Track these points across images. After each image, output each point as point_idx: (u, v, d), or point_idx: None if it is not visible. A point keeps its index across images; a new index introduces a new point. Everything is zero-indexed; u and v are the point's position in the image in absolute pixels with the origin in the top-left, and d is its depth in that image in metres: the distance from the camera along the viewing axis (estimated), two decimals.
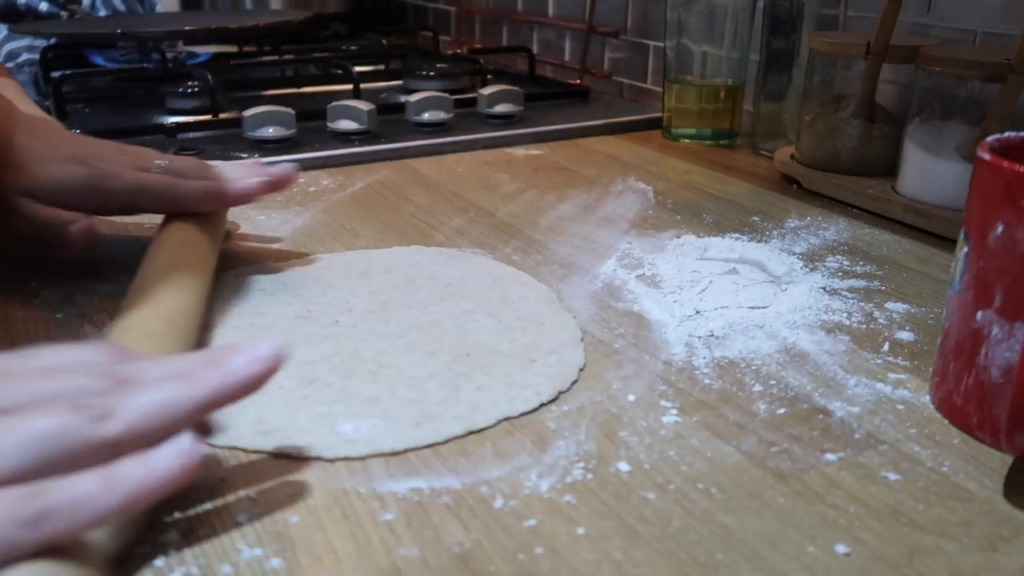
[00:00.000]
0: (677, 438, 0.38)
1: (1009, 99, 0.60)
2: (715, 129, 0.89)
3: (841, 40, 0.72)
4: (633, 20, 1.09)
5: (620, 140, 0.90)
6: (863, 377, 0.43)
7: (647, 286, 0.53)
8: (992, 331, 0.37)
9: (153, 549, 0.31)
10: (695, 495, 0.34)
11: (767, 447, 0.37)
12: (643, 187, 0.73)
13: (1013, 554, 0.31)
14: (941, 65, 0.62)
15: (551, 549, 0.31)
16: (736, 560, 0.31)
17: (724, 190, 0.73)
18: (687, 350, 0.45)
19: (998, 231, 0.36)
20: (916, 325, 0.48)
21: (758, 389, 0.42)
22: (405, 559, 0.31)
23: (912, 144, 0.66)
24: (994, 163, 0.36)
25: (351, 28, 1.44)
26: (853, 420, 0.39)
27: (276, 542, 0.31)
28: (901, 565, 0.31)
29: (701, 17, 0.85)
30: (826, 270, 0.56)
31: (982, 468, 0.36)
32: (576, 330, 0.47)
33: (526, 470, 0.35)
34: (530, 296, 0.51)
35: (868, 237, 0.62)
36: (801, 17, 0.79)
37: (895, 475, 0.35)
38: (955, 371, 0.39)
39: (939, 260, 0.58)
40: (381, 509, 0.33)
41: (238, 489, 0.34)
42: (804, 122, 0.75)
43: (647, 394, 0.41)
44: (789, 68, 0.81)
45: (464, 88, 1.04)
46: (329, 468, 0.35)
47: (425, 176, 0.76)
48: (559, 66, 1.20)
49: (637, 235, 0.62)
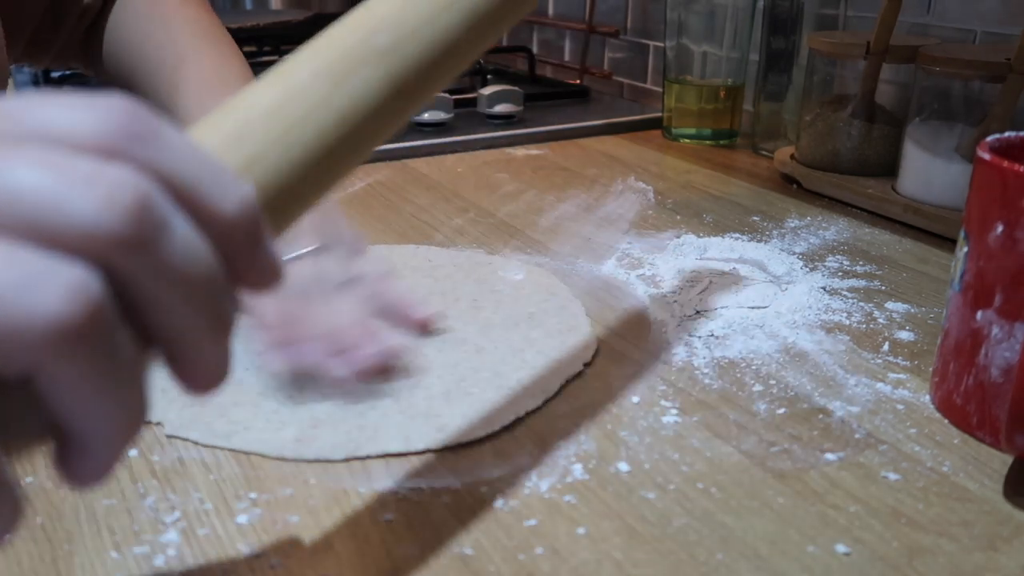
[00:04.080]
0: (677, 438, 0.38)
1: (1009, 99, 0.60)
2: (715, 129, 0.89)
3: (841, 40, 0.72)
4: (633, 20, 1.09)
5: (620, 140, 0.90)
6: (863, 377, 0.43)
7: (647, 286, 0.53)
8: (992, 331, 0.37)
9: (153, 549, 0.31)
10: (695, 495, 0.34)
11: (767, 447, 0.37)
12: (643, 187, 0.73)
13: (1013, 554, 0.31)
14: (941, 65, 0.62)
15: (551, 549, 0.31)
16: (736, 560, 0.31)
17: (724, 190, 0.73)
18: (687, 350, 0.45)
19: (998, 231, 0.36)
20: (916, 325, 0.48)
21: (758, 389, 0.42)
22: (405, 559, 0.31)
23: (912, 144, 0.66)
24: (994, 163, 0.36)
25: None
26: (853, 420, 0.39)
27: (276, 542, 0.31)
28: (901, 565, 0.31)
29: (701, 17, 0.85)
30: (826, 270, 0.56)
31: (982, 468, 0.36)
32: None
33: (526, 470, 0.35)
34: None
35: (868, 237, 0.62)
36: (801, 17, 0.79)
37: (895, 475, 0.35)
38: (955, 371, 0.39)
39: (939, 260, 0.58)
40: (381, 509, 0.33)
41: (238, 489, 0.34)
42: (804, 122, 0.75)
43: (647, 394, 0.41)
44: (789, 68, 0.81)
45: (464, 88, 1.04)
46: (329, 468, 0.35)
47: (425, 176, 0.76)
48: (559, 66, 1.20)
49: (637, 235, 0.62)
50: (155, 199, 0.20)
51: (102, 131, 0.20)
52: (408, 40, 0.28)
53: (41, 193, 0.19)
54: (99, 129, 0.20)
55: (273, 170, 0.24)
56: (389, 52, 0.27)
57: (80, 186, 0.19)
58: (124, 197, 0.19)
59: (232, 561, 0.30)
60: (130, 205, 0.19)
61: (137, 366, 0.21)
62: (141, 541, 0.31)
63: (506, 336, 0.46)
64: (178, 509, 0.33)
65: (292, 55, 0.27)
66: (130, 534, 0.31)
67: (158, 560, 0.30)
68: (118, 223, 0.19)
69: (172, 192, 0.21)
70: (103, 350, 0.19)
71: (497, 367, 0.43)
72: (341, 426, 0.38)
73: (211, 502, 0.33)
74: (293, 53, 0.27)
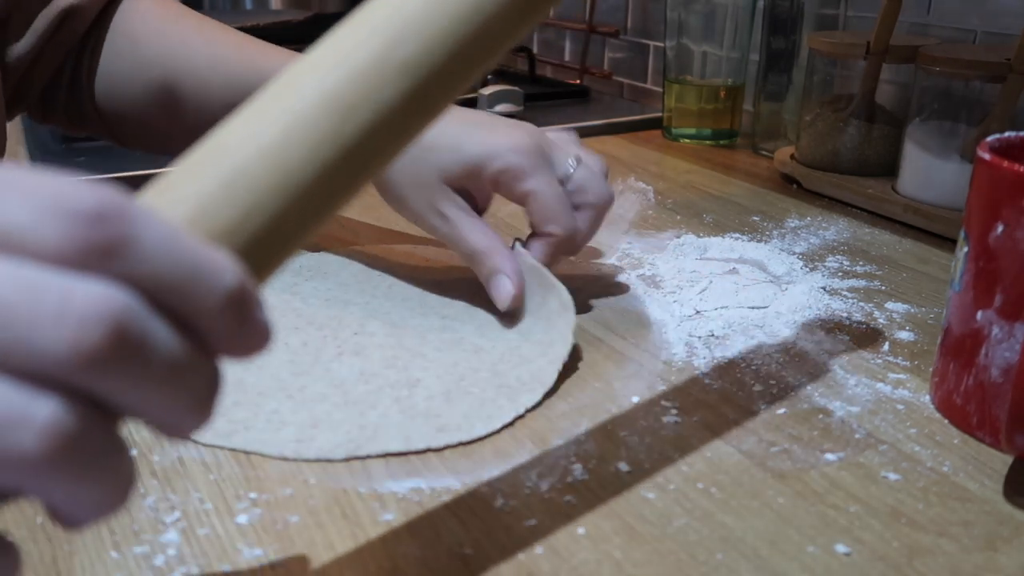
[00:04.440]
0: (677, 438, 0.38)
1: (1009, 99, 0.60)
2: (715, 129, 0.89)
3: (841, 40, 0.72)
4: (633, 20, 1.09)
5: (620, 140, 0.90)
6: (863, 377, 0.43)
7: (647, 286, 0.53)
8: (992, 331, 0.37)
9: (153, 549, 0.31)
10: (695, 495, 0.34)
11: (767, 447, 0.37)
12: (643, 187, 0.73)
13: (1013, 554, 0.31)
14: (941, 65, 0.62)
15: (551, 549, 0.31)
16: (736, 560, 0.31)
17: (724, 190, 0.73)
18: (687, 350, 0.45)
19: (998, 231, 0.36)
20: (916, 325, 0.48)
21: (758, 389, 0.42)
22: (405, 559, 0.31)
23: (912, 144, 0.66)
24: (994, 163, 0.36)
25: None
26: (853, 420, 0.39)
27: (276, 542, 0.31)
28: (901, 565, 0.31)
29: (701, 17, 0.85)
30: (826, 270, 0.56)
31: (982, 468, 0.36)
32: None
33: (526, 470, 0.35)
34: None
35: (868, 237, 0.62)
36: (801, 17, 0.79)
37: (895, 475, 0.35)
38: (955, 371, 0.39)
39: (939, 260, 0.58)
40: (381, 509, 0.33)
41: (238, 489, 0.34)
42: (804, 122, 0.75)
43: (647, 394, 0.41)
44: (789, 68, 0.81)
45: None
46: (329, 468, 0.35)
47: None
48: (559, 66, 1.20)
49: (637, 235, 0.62)
50: (132, 316, 0.19)
51: (71, 240, 0.19)
52: (436, 49, 0.24)
53: (10, 322, 0.18)
54: (67, 237, 0.19)
55: (271, 219, 0.22)
56: (413, 66, 0.23)
57: (52, 313, 0.18)
58: (100, 322, 0.18)
59: (232, 561, 0.30)
60: (107, 330, 0.19)
61: (119, 450, 0.20)
62: (141, 541, 0.31)
63: (503, 334, 0.46)
64: (178, 509, 0.33)
65: (298, 66, 0.24)
66: (130, 534, 0.31)
67: (158, 560, 0.30)
68: (95, 350, 0.18)
69: (150, 298, 0.20)
70: (84, 459, 0.19)
71: (496, 366, 0.43)
72: (341, 426, 0.38)
73: (211, 502, 0.33)
74: (299, 62, 0.24)
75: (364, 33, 0.24)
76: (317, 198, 0.23)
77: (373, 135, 0.23)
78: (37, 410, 0.18)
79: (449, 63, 0.24)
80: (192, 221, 0.22)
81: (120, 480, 0.20)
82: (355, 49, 0.23)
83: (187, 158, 0.23)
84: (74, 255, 0.19)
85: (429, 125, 0.25)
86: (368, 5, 0.24)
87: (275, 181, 0.22)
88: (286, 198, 0.22)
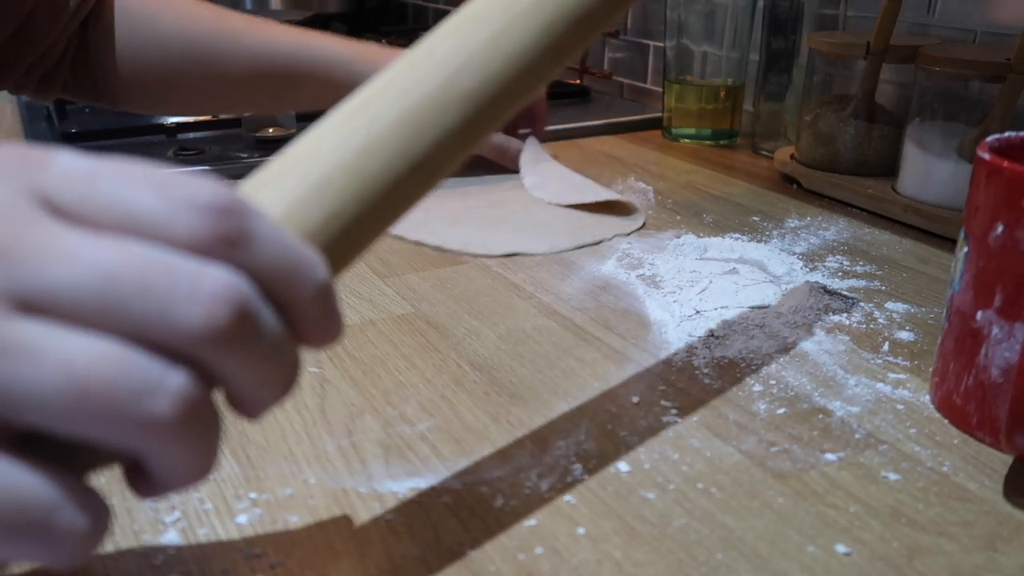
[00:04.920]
0: (677, 438, 0.38)
1: (1009, 99, 0.60)
2: (715, 129, 0.89)
3: (841, 40, 0.72)
4: (633, 20, 1.09)
5: (620, 140, 0.90)
6: (863, 377, 0.43)
7: (647, 286, 0.53)
8: (992, 331, 0.37)
9: (153, 549, 0.31)
10: (695, 495, 0.34)
11: (767, 447, 0.37)
12: (643, 187, 0.73)
13: (1013, 554, 0.31)
14: (941, 65, 0.62)
15: (551, 549, 0.31)
16: (736, 560, 0.31)
17: (724, 190, 0.73)
18: (687, 350, 0.45)
19: (998, 231, 0.36)
20: (916, 325, 0.48)
21: (758, 389, 0.42)
22: (405, 559, 0.31)
23: (912, 144, 0.66)
24: (994, 163, 0.36)
25: (351, 28, 1.44)
26: (853, 420, 0.39)
27: (276, 542, 0.31)
28: (901, 565, 0.31)
29: (701, 17, 0.85)
30: (826, 270, 0.56)
31: (982, 468, 0.36)
32: None
33: (526, 470, 0.35)
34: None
35: (868, 237, 0.62)
36: (801, 17, 0.79)
37: (895, 475, 0.35)
38: (955, 371, 0.39)
39: (939, 260, 0.58)
40: (381, 509, 0.33)
41: (238, 489, 0.34)
42: (804, 122, 0.75)
43: (647, 394, 0.41)
44: (789, 68, 0.81)
45: None
46: (329, 468, 0.35)
47: None
48: None
49: (637, 235, 0.62)
50: (251, 301, 0.22)
51: (201, 230, 0.22)
52: (492, 81, 0.28)
53: (149, 298, 0.21)
54: (198, 227, 0.22)
55: (350, 223, 0.26)
56: (471, 97, 0.28)
57: (185, 292, 0.21)
58: (227, 304, 0.21)
59: (232, 561, 0.30)
60: (232, 309, 0.21)
61: (217, 423, 0.23)
62: (141, 541, 0.31)
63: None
64: (178, 509, 0.33)
65: (374, 86, 0.28)
66: (130, 534, 0.31)
67: (158, 560, 0.30)
68: (221, 327, 0.21)
69: (261, 287, 0.23)
70: (201, 426, 0.22)
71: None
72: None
73: (211, 502, 0.33)
74: (376, 83, 0.28)
75: (431, 65, 0.28)
76: (388, 205, 0.27)
77: (436, 153, 0.27)
78: (171, 379, 0.21)
79: (500, 96, 0.28)
80: (286, 219, 0.25)
81: (216, 448, 0.23)
82: (424, 79, 0.28)
83: (277, 161, 0.26)
84: (203, 243, 0.22)
85: (482, 143, 0.30)
86: (436, 32, 0.29)
87: (354, 191, 0.26)
88: (363, 205, 0.26)
